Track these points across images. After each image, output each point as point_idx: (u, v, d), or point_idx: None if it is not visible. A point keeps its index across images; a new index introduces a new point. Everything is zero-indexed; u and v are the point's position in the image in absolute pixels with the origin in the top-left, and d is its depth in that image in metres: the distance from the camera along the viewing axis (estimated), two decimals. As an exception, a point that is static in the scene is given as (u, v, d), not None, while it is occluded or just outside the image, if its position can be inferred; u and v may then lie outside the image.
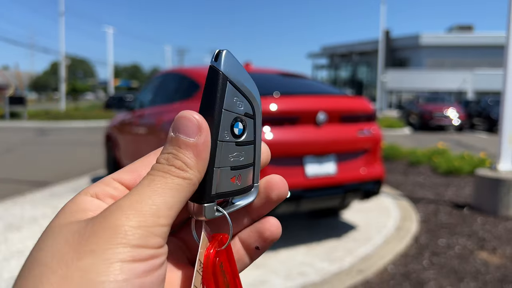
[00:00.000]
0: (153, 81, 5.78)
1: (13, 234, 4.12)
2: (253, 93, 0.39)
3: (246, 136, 0.39)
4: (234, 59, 0.38)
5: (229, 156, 0.38)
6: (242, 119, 0.38)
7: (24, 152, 10.75)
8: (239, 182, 0.39)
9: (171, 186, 0.32)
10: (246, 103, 0.38)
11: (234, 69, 0.37)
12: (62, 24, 32.64)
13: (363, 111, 4.05)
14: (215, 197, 0.37)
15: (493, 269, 3.44)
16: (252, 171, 0.40)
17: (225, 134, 0.37)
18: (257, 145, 0.40)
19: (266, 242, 0.40)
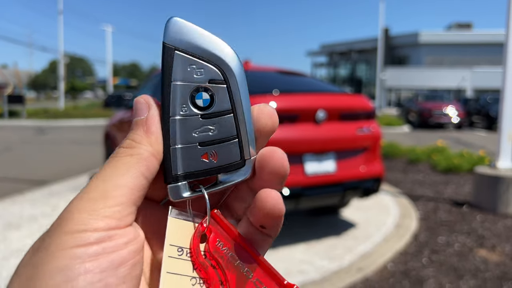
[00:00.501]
0: (152, 79, 5.77)
1: (12, 233, 4.12)
2: (221, 56, 0.34)
3: (217, 106, 0.35)
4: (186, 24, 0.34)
5: (193, 132, 0.34)
6: (207, 88, 0.34)
7: (23, 151, 10.74)
8: (215, 160, 0.35)
9: (118, 166, 0.32)
10: (209, 69, 0.34)
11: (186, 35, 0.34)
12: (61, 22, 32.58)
13: (363, 109, 4.05)
14: (181, 177, 0.34)
15: (493, 266, 3.44)
16: (237, 145, 0.35)
17: (183, 108, 0.34)
18: (239, 115, 0.35)
19: (269, 218, 0.34)
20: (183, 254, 0.35)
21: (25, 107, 24.48)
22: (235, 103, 0.35)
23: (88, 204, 0.30)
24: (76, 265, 0.28)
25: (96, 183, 0.31)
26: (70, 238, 0.29)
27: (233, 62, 0.35)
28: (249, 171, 0.36)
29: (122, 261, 0.30)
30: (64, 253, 0.28)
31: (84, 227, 0.29)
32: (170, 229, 0.35)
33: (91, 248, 0.29)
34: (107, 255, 0.29)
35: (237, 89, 0.35)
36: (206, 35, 0.34)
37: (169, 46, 0.34)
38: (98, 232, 0.29)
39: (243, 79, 0.35)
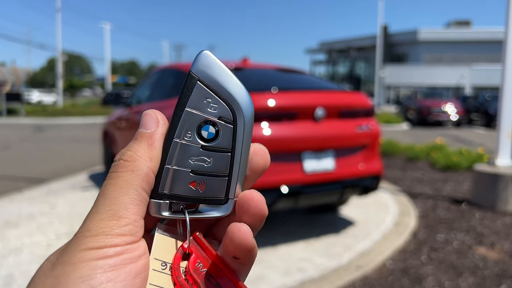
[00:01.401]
0: (150, 77, 5.76)
1: (10, 231, 4.10)
2: (236, 98, 0.36)
3: (219, 142, 0.36)
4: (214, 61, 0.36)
5: (190, 158, 0.36)
6: (216, 123, 0.36)
7: (21, 149, 10.72)
8: (201, 190, 0.36)
9: (121, 185, 0.33)
10: (222, 106, 0.36)
11: (212, 70, 0.36)
12: (59, 20, 32.51)
13: (362, 106, 4.04)
14: (165, 197, 0.36)
15: (492, 264, 3.44)
16: (225, 183, 0.37)
17: (188, 134, 0.36)
18: (236, 156, 0.37)
19: (239, 251, 0.35)
20: (166, 268, 0.36)
21: (24, 105, 24.45)
22: (236, 145, 0.36)
23: (102, 225, 0.32)
24: (98, 275, 0.30)
25: (103, 203, 0.33)
26: (92, 252, 0.31)
27: (246, 108, 0.37)
28: (229, 210, 0.37)
29: (137, 272, 0.32)
30: (86, 264, 0.30)
31: (103, 244, 0.31)
32: (156, 244, 0.36)
33: (111, 260, 0.31)
34: (125, 266, 0.31)
35: (241, 134, 0.36)
36: (230, 76, 0.36)
37: (194, 76, 0.36)
38: (116, 247, 0.32)
39: (250, 127, 0.37)
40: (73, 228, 4.17)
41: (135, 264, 0.32)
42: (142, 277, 0.32)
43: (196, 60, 0.36)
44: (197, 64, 0.36)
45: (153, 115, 0.36)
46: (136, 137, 0.36)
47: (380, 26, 33.91)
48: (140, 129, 0.36)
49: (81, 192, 5.68)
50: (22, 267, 3.25)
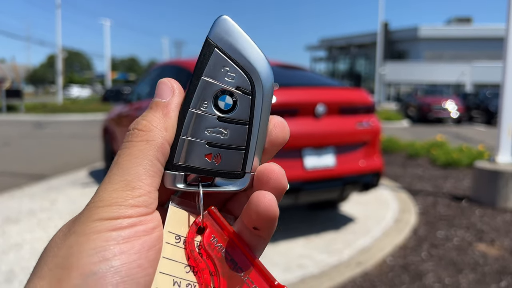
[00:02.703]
0: (150, 74, 5.75)
1: (10, 227, 4.11)
2: (256, 67, 0.35)
3: (236, 114, 0.35)
4: (233, 26, 0.34)
5: (206, 130, 0.35)
6: (233, 93, 0.34)
7: (21, 145, 10.71)
8: (217, 162, 0.35)
9: (135, 154, 0.33)
10: (241, 76, 0.34)
11: (230, 37, 0.34)
12: (59, 16, 32.45)
13: (362, 103, 4.03)
14: (180, 168, 0.35)
15: (492, 260, 3.45)
16: (242, 156, 0.35)
17: (204, 104, 0.34)
18: (254, 129, 0.35)
19: (262, 220, 0.34)
20: (180, 242, 0.35)
21: (23, 102, 24.43)
22: (254, 117, 0.35)
23: (115, 195, 0.31)
24: (111, 246, 0.29)
25: (116, 172, 0.32)
26: (105, 223, 0.30)
27: (266, 78, 0.35)
28: (246, 184, 0.36)
29: (151, 245, 0.31)
30: (100, 236, 0.30)
31: (117, 214, 0.31)
32: (170, 217, 0.36)
33: (125, 231, 0.30)
34: (139, 238, 0.31)
35: (260, 105, 0.35)
36: (250, 43, 0.34)
37: (211, 42, 0.34)
38: (130, 218, 0.31)
39: (269, 98, 0.35)
40: (73, 224, 4.18)
41: (149, 236, 0.31)
42: (156, 249, 0.32)
43: (214, 26, 0.34)
44: (215, 29, 0.34)
45: (168, 84, 0.36)
46: (151, 106, 0.35)
47: (380, 23, 33.83)
48: (155, 98, 0.35)
49: (81, 189, 5.68)
50: (22, 263, 3.26)
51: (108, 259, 0.29)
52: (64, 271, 0.29)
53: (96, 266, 0.29)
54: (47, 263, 0.30)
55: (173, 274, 0.34)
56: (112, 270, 0.29)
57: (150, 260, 0.31)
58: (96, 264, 0.29)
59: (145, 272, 0.30)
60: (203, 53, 0.34)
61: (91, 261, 0.29)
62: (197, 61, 0.34)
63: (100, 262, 0.29)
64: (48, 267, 0.30)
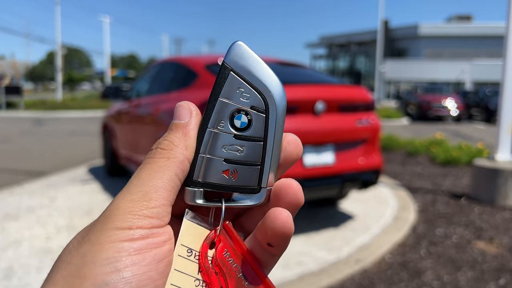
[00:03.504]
0: (150, 71, 5.74)
1: (10, 223, 4.11)
2: (269, 88, 0.37)
3: (252, 131, 0.37)
4: (247, 51, 0.37)
5: (223, 147, 0.37)
6: (248, 112, 0.37)
7: (21, 142, 10.71)
8: (234, 178, 0.37)
9: (156, 169, 0.34)
10: (255, 96, 0.37)
11: (245, 61, 0.37)
12: (58, 13, 32.39)
13: (362, 100, 4.03)
14: (199, 184, 0.37)
15: (490, 258, 3.45)
16: (257, 172, 0.37)
17: (221, 123, 0.36)
18: (268, 145, 0.37)
19: (277, 237, 0.35)
20: (191, 255, 0.36)
21: (23, 99, 24.41)
22: (268, 134, 0.37)
23: (131, 205, 0.32)
24: (123, 257, 0.30)
25: (136, 184, 0.34)
26: (118, 233, 0.31)
27: (279, 98, 0.37)
28: (262, 198, 0.38)
29: (162, 257, 0.32)
30: (112, 246, 0.31)
31: (130, 224, 0.32)
32: (184, 230, 0.37)
33: (137, 243, 0.31)
34: (150, 251, 0.32)
35: (274, 123, 0.37)
36: (263, 66, 0.37)
37: (227, 66, 0.36)
38: (142, 230, 0.32)
39: (282, 116, 0.37)
40: (72, 221, 4.18)
41: (160, 249, 0.32)
42: (166, 262, 0.33)
43: (229, 51, 0.37)
44: (230, 54, 0.37)
45: (186, 106, 0.37)
46: (171, 127, 0.37)
47: (380, 21, 33.79)
48: (174, 120, 0.37)
49: (81, 186, 5.68)
50: (21, 260, 3.26)
51: (119, 270, 0.30)
52: (77, 279, 0.30)
53: (108, 276, 0.30)
54: (60, 270, 0.31)
55: (183, 286, 0.35)
56: (123, 281, 0.30)
57: (160, 272, 0.32)
58: (108, 274, 0.30)
59: (155, 284, 0.31)
60: (220, 76, 0.36)
61: (103, 271, 0.30)
62: (214, 83, 0.37)
63: (112, 273, 0.30)
64: (61, 274, 0.31)
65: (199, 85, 3.96)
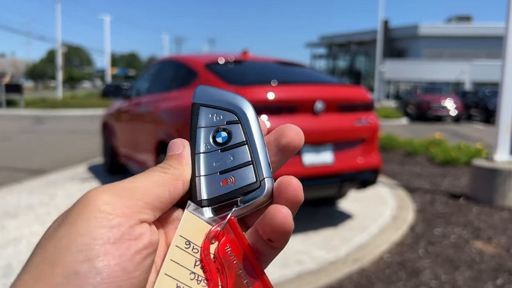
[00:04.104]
0: (150, 69, 5.74)
1: (9, 221, 4.12)
2: (235, 103, 0.42)
3: (233, 140, 0.41)
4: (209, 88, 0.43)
5: (213, 163, 0.40)
6: (225, 128, 0.41)
7: (21, 140, 10.72)
8: (233, 183, 0.40)
9: (151, 177, 0.37)
10: (226, 114, 0.42)
11: (207, 94, 0.43)
12: (59, 11, 32.36)
13: (361, 100, 4.04)
14: (205, 202, 0.39)
15: (488, 258, 3.46)
16: (252, 169, 0.40)
17: (206, 145, 0.41)
18: (252, 143, 0.41)
19: (277, 233, 0.36)
20: (189, 248, 0.37)
21: (23, 96, 24.39)
22: (248, 136, 0.41)
23: (114, 195, 0.33)
24: (97, 246, 0.30)
25: (127, 181, 0.35)
26: (97, 216, 0.31)
27: (244, 105, 0.42)
28: (265, 190, 0.39)
29: (138, 249, 0.32)
30: (89, 231, 0.31)
31: (110, 210, 0.32)
32: (184, 222, 0.38)
33: (113, 231, 0.31)
34: (125, 241, 0.31)
35: (249, 125, 0.41)
36: (223, 91, 0.43)
37: (196, 103, 0.43)
38: (121, 218, 0.32)
39: (254, 117, 0.42)
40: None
41: (136, 241, 0.32)
42: (144, 254, 0.32)
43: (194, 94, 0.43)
44: (196, 95, 0.43)
45: (179, 141, 0.41)
46: (167, 158, 0.40)
47: (380, 21, 33.79)
48: (168, 153, 0.41)
49: (80, 184, 5.69)
50: (21, 257, 3.27)
51: (91, 259, 0.29)
52: (48, 267, 0.29)
53: (79, 265, 0.29)
54: (35, 256, 0.31)
55: (178, 278, 0.36)
56: (94, 271, 0.29)
57: (136, 264, 0.31)
58: (79, 263, 0.29)
59: (129, 275, 0.31)
60: (193, 112, 0.42)
61: (75, 259, 0.29)
62: (191, 118, 0.42)
63: (84, 262, 0.29)
64: (35, 260, 0.31)
65: (199, 84, 3.97)
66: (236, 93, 0.43)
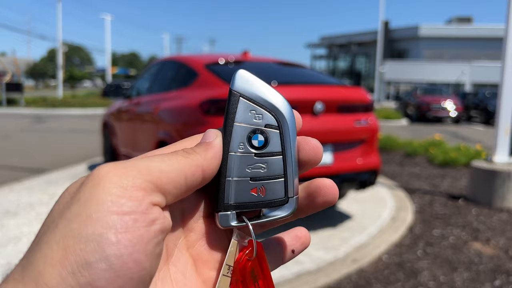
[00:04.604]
0: (150, 69, 5.75)
1: (9, 220, 4.13)
2: (277, 106, 0.39)
3: (270, 147, 0.39)
4: (250, 76, 0.39)
5: (247, 167, 0.38)
6: (263, 131, 0.39)
7: (21, 139, 10.72)
8: (263, 194, 0.39)
9: (170, 158, 0.35)
10: (267, 115, 0.39)
11: (249, 85, 0.39)
12: (60, 10, 32.37)
13: (361, 101, 4.05)
14: (231, 207, 0.38)
15: (486, 259, 3.47)
16: (283, 183, 0.39)
17: (240, 146, 0.38)
18: (287, 156, 0.39)
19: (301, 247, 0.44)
20: (229, 271, 0.38)
21: (23, 95, 24.40)
22: (285, 146, 0.39)
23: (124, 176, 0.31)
24: (109, 235, 0.29)
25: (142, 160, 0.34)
26: (105, 202, 0.30)
27: (287, 112, 0.40)
28: (292, 208, 0.40)
29: (150, 237, 0.31)
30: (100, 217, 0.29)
31: (121, 193, 0.31)
32: (231, 250, 0.39)
33: (124, 219, 0.30)
34: (138, 229, 0.30)
35: (288, 135, 0.39)
36: (267, 87, 0.39)
37: (236, 93, 0.39)
38: (132, 202, 0.31)
39: (293, 127, 0.40)
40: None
41: (148, 228, 0.31)
42: (155, 243, 0.31)
43: (234, 79, 0.39)
44: (236, 82, 0.39)
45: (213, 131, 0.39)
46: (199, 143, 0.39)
47: (381, 22, 33.78)
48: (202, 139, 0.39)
49: (80, 183, 5.69)
50: (20, 256, 3.26)
51: (103, 249, 0.29)
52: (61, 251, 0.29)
53: (92, 255, 0.28)
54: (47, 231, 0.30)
55: None
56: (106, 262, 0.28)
57: (148, 254, 0.30)
58: (91, 253, 0.28)
59: (140, 266, 0.30)
60: (231, 103, 0.39)
61: (87, 249, 0.28)
62: (226, 110, 0.39)
63: (96, 252, 0.28)
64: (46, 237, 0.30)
65: (199, 84, 3.98)
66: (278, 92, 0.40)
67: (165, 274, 0.36)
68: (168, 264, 0.37)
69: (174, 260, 0.37)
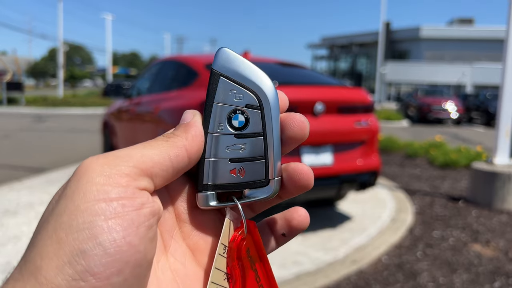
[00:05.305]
0: (151, 69, 5.75)
1: (9, 219, 4.13)
2: (259, 85, 0.38)
3: (250, 128, 0.38)
4: (233, 54, 0.38)
5: (226, 148, 0.38)
6: (243, 111, 0.38)
7: (21, 138, 10.73)
8: (242, 175, 0.38)
9: (152, 144, 0.35)
10: (247, 95, 0.38)
11: (231, 64, 0.38)
12: (61, 9, 32.40)
13: (361, 102, 4.05)
14: (210, 187, 0.38)
15: (486, 261, 3.47)
16: (263, 165, 0.39)
17: (220, 126, 0.38)
18: (268, 138, 0.38)
19: (293, 230, 0.42)
20: (225, 252, 0.38)
21: (24, 95, 24.42)
22: (266, 127, 0.38)
23: (107, 165, 0.32)
24: (100, 222, 0.29)
25: (123, 149, 0.34)
26: (91, 191, 0.30)
27: (270, 92, 0.38)
28: (272, 189, 0.39)
29: (141, 221, 0.31)
30: (88, 206, 0.30)
31: (106, 181, 0.31)
32: (225, 229, 0.39)
33: (113, 205, 0.30)
34: (127, 214, 0.30)
35: (270, 116, 0.38)
36: (249, 65, 0.38)
37: (216, 72, 0.38)
38: (118, 188, 0.31)
39: (276, 108, 0.39)
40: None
41: (138, 212, 0.31)
42: (146, 226, 0.32)
43: (216, 57, 0.38)
44: (217, 60, 0.38)
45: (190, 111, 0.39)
46: (177, 125, 0.39)
47: (382, 23, 33.77)
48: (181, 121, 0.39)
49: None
50: (20, 255, 3.27)
51: (96, 236, 0.29)
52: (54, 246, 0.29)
53: (85, 244, 0.29)
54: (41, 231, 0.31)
55: (218, 282, 0.38)
56: (100, 248, 0.29)
57: (141, 237, 0.31)
58: (85, 241, 0.29)
59: (135, 249, 0.30)
60: (211, 82, 0.38)
61: (80, 238, 0.29)
62: (207, 89, 0.38)
63: (89, 240, 0.29)
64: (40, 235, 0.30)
65: (200, 84, 3.98)
66: (261, 71, 0.39)
67: (164, 264, 0.37)
68: (167, 255, 0.38)
69: (172, 250, 0.38)
